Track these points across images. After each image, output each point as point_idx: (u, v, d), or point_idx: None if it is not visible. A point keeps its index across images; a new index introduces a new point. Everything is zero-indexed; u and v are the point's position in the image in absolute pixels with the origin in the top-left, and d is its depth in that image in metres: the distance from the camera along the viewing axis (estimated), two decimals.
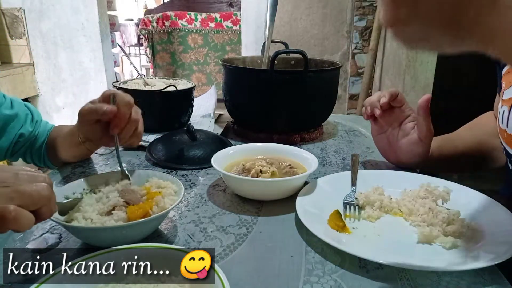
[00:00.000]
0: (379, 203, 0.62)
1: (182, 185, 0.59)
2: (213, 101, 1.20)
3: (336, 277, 0.47)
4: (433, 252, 0.52)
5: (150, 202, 0.55)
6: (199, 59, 3.49)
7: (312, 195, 0.64)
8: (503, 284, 0.46)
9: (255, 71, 1.01)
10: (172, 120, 0.99)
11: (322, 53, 2.18)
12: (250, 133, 0.98)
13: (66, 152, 0.78)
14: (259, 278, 0.47)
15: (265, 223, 0.60)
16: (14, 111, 0.79)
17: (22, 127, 0.80)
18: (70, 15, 2.23)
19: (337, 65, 1.00)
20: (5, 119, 0.77)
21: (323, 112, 1.03)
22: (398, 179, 0.70)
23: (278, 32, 2.11)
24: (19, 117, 0.79)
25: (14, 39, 2.28)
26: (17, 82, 2.21)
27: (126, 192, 0.57)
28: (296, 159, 0.75)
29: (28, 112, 0.82)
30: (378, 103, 0.75)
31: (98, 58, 2.28)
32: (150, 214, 0.53)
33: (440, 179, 0.67)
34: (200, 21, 3.41)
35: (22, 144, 0.80)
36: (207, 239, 0.55)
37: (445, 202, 0.61)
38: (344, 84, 2.22)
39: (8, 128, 0.78)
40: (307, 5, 2.12)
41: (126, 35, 4.85)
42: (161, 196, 0.56)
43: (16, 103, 0.80)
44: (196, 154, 0.82)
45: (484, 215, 0.58)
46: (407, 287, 0.46)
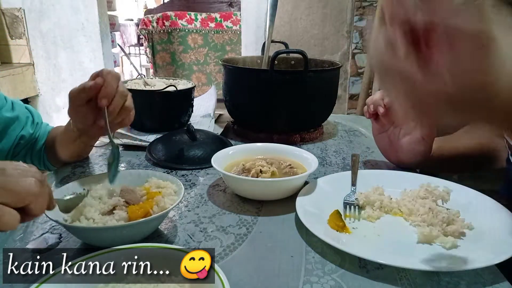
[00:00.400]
0: (379, 203, 0.62)
1: (182, 185, 0.59)
2: (213, 101, 1.20)
3: (336, 277, 0.47)
4: (433, 252, 0.52)
5: (151, 202, 0.55)
6: (199, 59, 3.49)
7: (312, 195, 0.64)
8: (503, 284, 0.46)
9: (255, 71, 1.01)
10: (172, 120, 0.99)
11: (322, 53, 2.18)
12: (250, 133, 0.98)
13: (64, 150, 0.78)
14: (259, 278, 0.47)
15: (265, 223, 0.60)
16: (15, 113, 0.79)
17: (23, 129, 0.80)
18: (70, 15, 2.23)
19: (337, 65, 1.00)
20: (6, 122, 0.77)
21: (323, 112, 1.03)
22: (398, 179, 0.70)
23: (278, 32, 2.11)
24: (20, 120, 0.79)
25: (14, 39, 2.28)
26: (17, 82, 2.21)
27: (126, 192, 0.57)
28: (296, 159, 0.75)
29: (28, 114, 0.82)
30: (382, 101, 0.75)
31: (98, 58, 2.28)
32: (151, 213, 0.53)
33: (440, 179, 0.67)
34: (200, 21, 3.41)
35: (22, 146, 0.80)
36: (207, 239, 0.55)
37: (445, 202, 0.61)
38: (344, 84, 2.22)
39: (9, 131, 0.78)
40: (307, 5, 2.12)
41: (126, 35, 4.84)
42: (161, 196, 0.57)
43: (16, 105, 0.80)
44: (196, 154, 0.82)
45: (484, 215, 0.58)
46: (407, 287, 0.46)
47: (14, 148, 0.79)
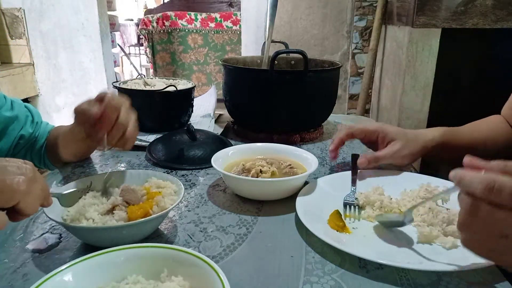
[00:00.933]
0: (379, 203, 0.62)
1: (182, 185, 0.59)
2: (213, 101, 1.20)
3: (336, 277, 0.47)
4: (433, 252, 0.52)
5: (151, 202, 0.55)
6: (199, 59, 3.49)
7: (312, 195, 0.64)
8: (503, 284, 0.46)
9: (255, 71, 1.01)
10: (172, 120, 0.99)
11: (322, 53, 2.18)
12: (250, 133, 0.98)
13: (67, 150, 0.78)
14: (259, 278, 0.47)
15: (265, 223, 0.60)
16: (14, 113, 0.78)
17: (22, 128, 0.79)
18: (70, 15, 2.23)
19: (337, 65, 1.00)
20: (6, 121, 0.77)
21: (323, 112, 1.03)
22: (398, 179, 0.70)
23: (278, 32, 2.11)
24: (19, 119, 0.79)
25: (14, 39, 2.28)
26: (17, 82, 2.21)
27: (126, 191, 0.57)
28: (296, 159, 0.75)
29: (28, 113, 0.82)
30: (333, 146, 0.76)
31: (98, 58, 2.27)
32: (151, 214, 0.53)
33: (440, 179, 0.67)
34: (200, 21, 3.41)
35: (22, 145, 0.80)
36: (207, 239, 0.55)
37: (445, 202, 0.61)
38: (344, 84, 2.22)
39: (8, 130, 0.78)
40: (307, 5, 2.12)
41: (126, 35, 4.84)
42: (161, 196, 0.56)
43: (16, 105, 0.80)
44: (196, 154, 0.82)
45: None
46: (407, 287, 0.46)
47: (14, 147, 0.79)
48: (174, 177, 0.62)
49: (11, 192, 0.38)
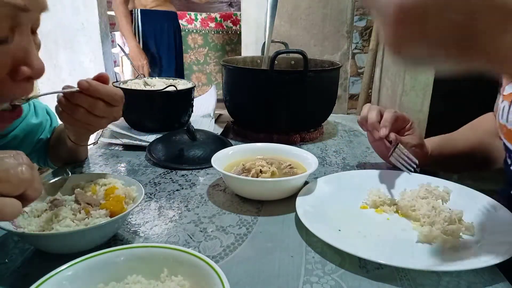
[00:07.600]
0: (379, 203, 0.62)
1: (136, 182, 0.58)
2: (213, 101, 1.20)
3: (336, 277, 0.47)
4: (433, 252, 0.52)
5: (119, 196, 0.54)
6: (199, 59, 3.49)
7: (312, 195, 0.64)
8: (503, 284, 0.46)
9: (255, 71, 1.01)
10: (172, 120, 0.99)
11: (322, 53, 2.18)
12: (250, 133, 0.98)
13: (64, 149, 0.78)
14: (259, 278, 0.47)
15: (265, 223, 0.60)
16: (39, 119, 0.79)
17: (42, 133, 0.80)
18: (70, 15, 2.23)
19: (337, 65, 1.00)
20: (31, 128, 0.77)
21: (323, 112, 1.03)
22: (398, 179, 0.70)
23: (278, 32, 2.11)
24: (42, 125, 0.80)
25: None
26: None
27: (82, 195, 0.55)
28: (296, 159, 0.75)
29: (48, 117, 0.82)
30: (378, 125, 0.73)
31: (98, 58, 2.28)
32: (125, 204, 0.53)
33: (440, 179, 0.67)
34: (200, 21, 3.41)
35: (37, 149, 0.80)
36: (207, 239, 0.55)
37: (445, 202, 0.61)
38: (344, 84, 2.22)
39: (30, 136, 0.78)
40: (307, 5, 2.12)
41: None
42: (118, 189, 0.56)
43: (39, 109, 0.80)
44: (196, 154, 0.82)
45: (484, 215, 0.58)
46: (407, 287, 0.46)
47: (30, 152, 0.79)
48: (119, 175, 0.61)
49: (19, 181, 0.39)
